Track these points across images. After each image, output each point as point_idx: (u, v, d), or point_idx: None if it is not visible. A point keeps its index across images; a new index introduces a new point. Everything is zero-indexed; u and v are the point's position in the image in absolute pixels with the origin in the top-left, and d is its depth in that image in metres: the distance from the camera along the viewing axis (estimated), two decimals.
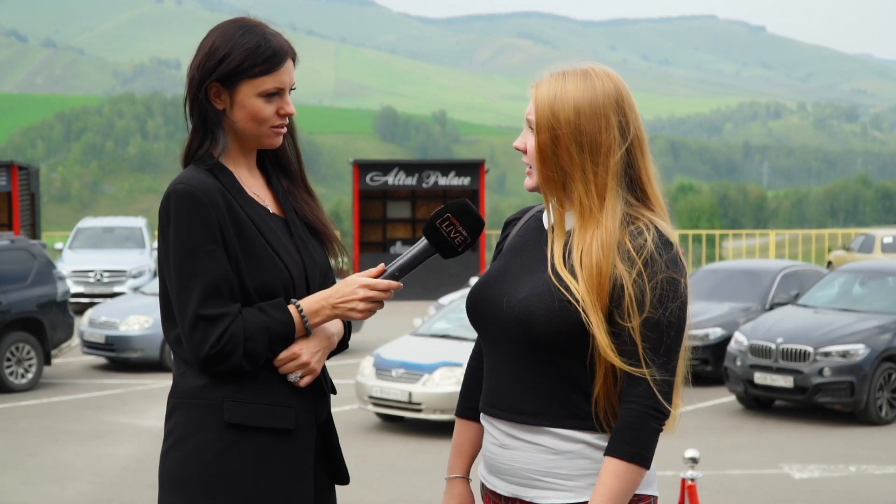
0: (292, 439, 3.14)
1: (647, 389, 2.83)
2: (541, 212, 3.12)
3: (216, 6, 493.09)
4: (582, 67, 2.96)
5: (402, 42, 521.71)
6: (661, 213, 2.95)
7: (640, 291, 2.81)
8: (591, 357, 2.86)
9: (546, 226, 3.03)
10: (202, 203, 3.07)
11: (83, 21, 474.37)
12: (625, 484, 2.81)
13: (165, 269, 3.13)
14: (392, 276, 3.14)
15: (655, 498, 2.98)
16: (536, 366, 2.90)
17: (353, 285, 3.13)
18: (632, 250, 2.84)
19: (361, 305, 3.13)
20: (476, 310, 3.02)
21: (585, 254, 2.85)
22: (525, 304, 2.88)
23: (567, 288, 2.85)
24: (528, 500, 2.94)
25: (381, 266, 3.16)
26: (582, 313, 2.82)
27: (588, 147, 2.88)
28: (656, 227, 2.89)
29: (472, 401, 3.21)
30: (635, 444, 2.82)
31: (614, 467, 2.81)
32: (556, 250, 2.92)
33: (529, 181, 3.00)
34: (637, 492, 2.92)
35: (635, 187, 2.95)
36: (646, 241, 2.85)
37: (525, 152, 2.99)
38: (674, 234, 2.93)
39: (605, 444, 2.89)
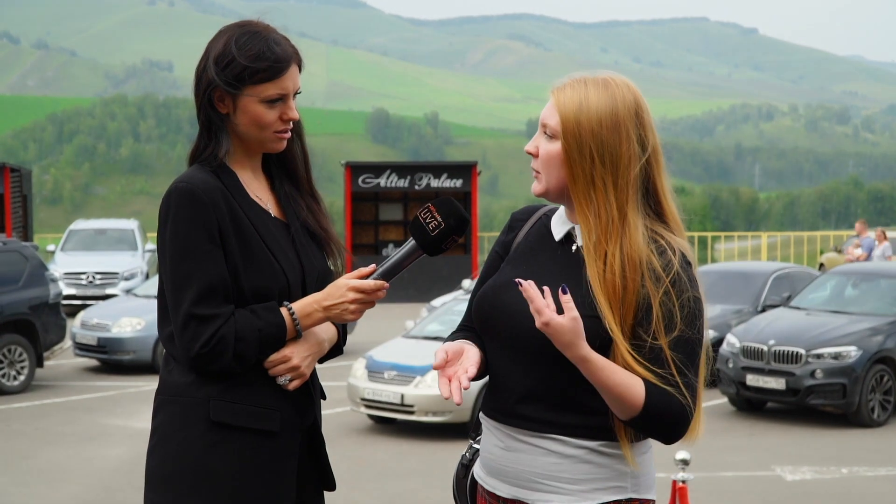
0: (276, 442, 3.16)
1: (681, 397, 2.82)
2: (548, 215, 3.10)
3: (208, 8, 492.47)
4: (602, 76, 2.94)
5: (394, 44, 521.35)
6: (677, 229, 2.95)
7: (668, 311, 2.81)
8: None
9: (556, 234, 3.02)
10: (202, 202, 3.08)
11: (75, 23, 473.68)
12: (620, 388, 2.77)
13: (162, 266, 3.14)
14: (381, 277, 3.15)
15: (653, 502, 2.98)
16: (547, 376, 2.88)
17: (343, 288, 3.14)
18: (659, 269, 2.83)
19: (352, 307, 3.14)
20: (488, 316, 2.99)
21: (609, 270, 2.83)
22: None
23: (591, 303, 2.84)
24: (528, 502, 2.93)
25: (373, 266, 3.17)
26: (609, 329, 2.81)
27: (609, 158, 2.86)
28: (679, 247, 2.89)
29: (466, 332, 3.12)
30: (662, 401, 2.78)
31: (633, 380, 2.78)
32: (588, 266, 2.89)
33: (538, 186, 2.98)
34: (637, 496, 2.92)
35: (651, 201, 2.94)
36: (670, 260, 2.85)
37: (536, 156, 2.97)
38: (692, 254, 2.93)
39: (611, 451, 2.88)
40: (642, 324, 2.82)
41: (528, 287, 2.73)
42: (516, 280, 2.79)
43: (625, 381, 2.77)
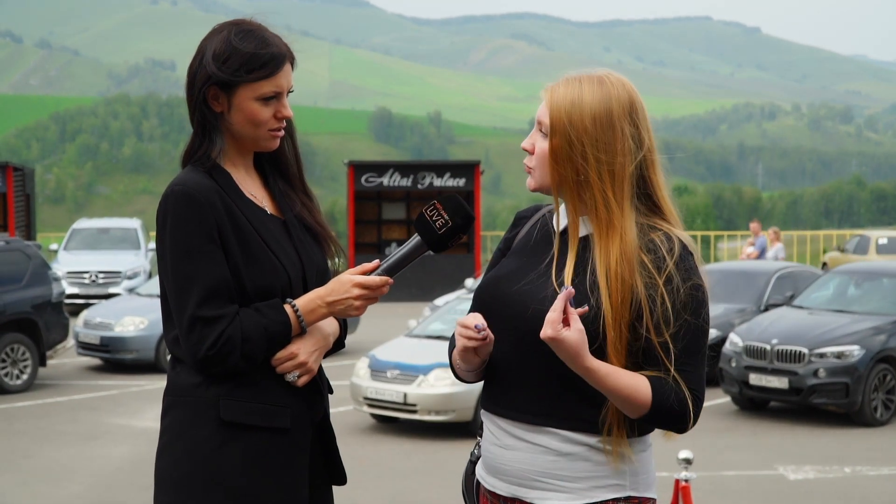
0: (287, 439, 3.15)
1: (683, 390, 2.83)
2: (551, 212, 3.10)
3: (211, 7, 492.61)
4: (597, 74, 2.94)
5: (397, 43, 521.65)
6: (675, 223, 2.94)
7: (665, 303, 2.80)
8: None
9: (553, 228, 3.02)
10: (199, 204, 3.07)
11: (78, 22, 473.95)
12: (627, 391, 2.77)
13: (163, 270, 3.13)
14: (385, 273, 3.15)
15: (654, 500, 2.97)
16: (545, 367, 2.87)
17: (347, 284, 3.14)
18: (649, 263, 2.83)
19: (357, 303, 3.14)
20: (488, 307, 2.98)
21: (612, 269, 2.82)
22: (546, 307, 2.83)
23: (588, 297, 2.83)
24: (528, 500, 2.92)
25: (376, 261, 3.17)
26: (601, 324, 2.80)
27: (604, 155, 2.86)
28: (678, 237, 2.89)
29: None
30: (668, 396, 2.79)
31: (638, 380, 2.78)
32: (569, 258, 2.89)
33: (531, 182, 2.99)
34: (636, 494, 2.91)
35: (648, 198, 2.94)
36: (670, 249, 2.84)
37: (531, 153, 2.98)
38: (692, 243, 2.92)
39: (609, 447, 2.87)
40: (640, 318, 2.81)
41: (564, 297, 2.73)
42: (565, 286, 2.79)
43: (630, 383, 2.78)
